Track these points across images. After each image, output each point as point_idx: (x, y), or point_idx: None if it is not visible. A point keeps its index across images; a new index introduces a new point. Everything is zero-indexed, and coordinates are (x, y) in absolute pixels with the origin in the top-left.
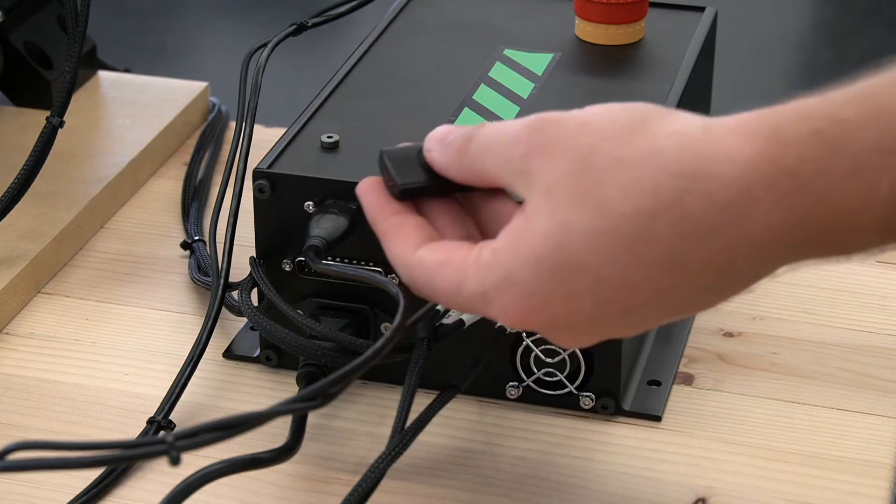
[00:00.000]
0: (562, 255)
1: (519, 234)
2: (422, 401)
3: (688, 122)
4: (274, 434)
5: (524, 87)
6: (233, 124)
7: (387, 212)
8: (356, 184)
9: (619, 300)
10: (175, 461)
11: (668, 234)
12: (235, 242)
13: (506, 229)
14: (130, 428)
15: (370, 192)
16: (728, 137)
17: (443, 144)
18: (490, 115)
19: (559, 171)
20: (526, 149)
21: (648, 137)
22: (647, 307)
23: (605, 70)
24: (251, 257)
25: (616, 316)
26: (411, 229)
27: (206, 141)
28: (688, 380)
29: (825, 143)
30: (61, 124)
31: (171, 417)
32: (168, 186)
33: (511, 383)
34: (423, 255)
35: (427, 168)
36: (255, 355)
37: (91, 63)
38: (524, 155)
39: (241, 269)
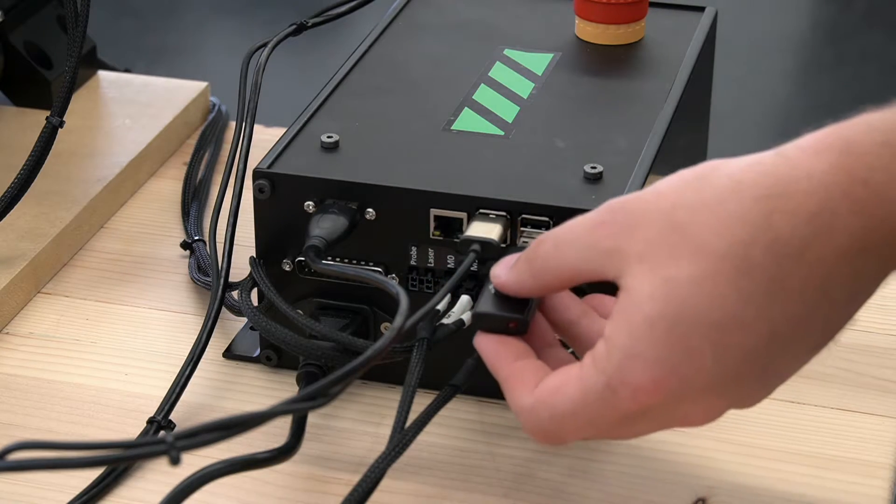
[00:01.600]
0: (672, 311)
1: (626, 309)
2: (422, 401)
3: (760, 154)
4: (274, 434)
5: (524, 87)
6: (233, 124)
7: (508, 358)
8: (356, 184)
9: (737, 343)
10: (175, 461)
11: (766, 260)
12: (235, 242)
13: (611, 316)
14: (130, 428)
15: (488, 340)
16: (803, 157)
17: (508, 266)
18: (490, 115)
19: (649, 236)
20: (611, 229)
21: (724, 177)
22: (766, 348)
23: (605, 70)
24: (251, 257)
25: (740, 364)
26: (530, 373)
27: (206, 141)
28: None
29: (893, 154)
30: (61, 124)
31: (171, 417)
32: (168, 186)
33: None
34: (540, 390)
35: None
36: (255, 355)
37: (91, 63)
38: (610, 234)
39: (241, 269)
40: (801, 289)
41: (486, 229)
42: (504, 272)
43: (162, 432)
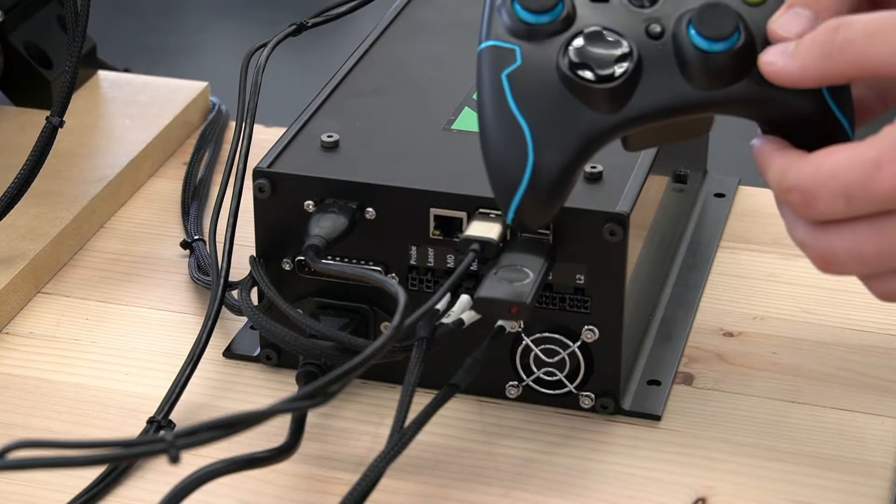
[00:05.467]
0: None
1: None
2: (421, 400)
3: None
4: (273, 433)
5: None
6: (233, 124)
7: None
8: (356, 183)
9: None
10: (174, 459)
11: None
12: (235, 242)
13: None
14: (131, 428)
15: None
16: None
17: (787, 53)
18: None
19: None
20: None
21: None
22: None
23: None
24: (251, 256)
25: None
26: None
27: (206, 141)
28: (688, 379)
29: None
30: (61, 124)
31: (171, 417)
32: (168, 186)
33: (511, 383)
34: (816, 152)
35: None
36: (255, 354)
37: (91, 63)
38: None
39: (241, 268)
40: None
41: (485, 229)
42: (780, 57)
43: (162, 432)
